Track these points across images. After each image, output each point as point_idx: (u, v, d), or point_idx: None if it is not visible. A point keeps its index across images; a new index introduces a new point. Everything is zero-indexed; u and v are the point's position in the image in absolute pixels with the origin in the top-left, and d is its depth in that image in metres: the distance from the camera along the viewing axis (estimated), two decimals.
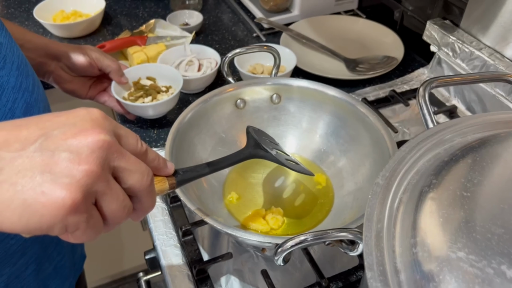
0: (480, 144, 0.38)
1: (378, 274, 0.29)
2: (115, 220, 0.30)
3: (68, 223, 0.27)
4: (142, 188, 0.31)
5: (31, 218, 0.26)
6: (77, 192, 0.26)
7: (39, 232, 0.26)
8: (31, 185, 0.26)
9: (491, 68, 0.68)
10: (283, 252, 0.40)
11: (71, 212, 0.26)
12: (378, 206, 0.34)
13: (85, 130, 0.28)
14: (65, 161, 0.27)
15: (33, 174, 0.26)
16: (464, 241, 0.29)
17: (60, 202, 0.26)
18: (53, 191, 0.26)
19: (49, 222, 0.26)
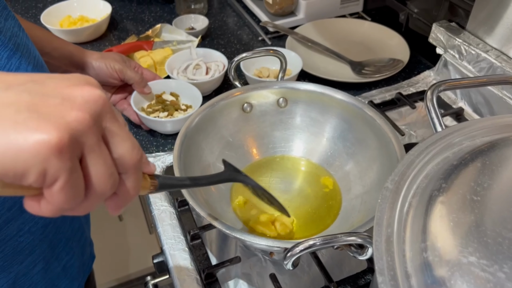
0: (489, 148, 0.38)
1: (389, 278, 0.29)
2: (98, 188, 0.26)
3: (48, 167, 0.23)
4: (131, 161, 0.28)
5: (7, 153, 0.22)
6: (65, 133, 0.23)
7: (11, 173, 0.23)
8: (14, 119, 0.23)
9: (498, 70, 0.68)
10: (292, 256, 0.40)
11: (55, 154, 0.23)
12: (387, 211, 0.34)
13: (80, 84, 0.26)
14: (56, 105, 0.24)
15: (18, 109, 0.23)
16: (475, 245, 0.29)
17: (44, 139, 0.23)
18: (39, 126, 0.23)
19: (27, 160, 0.23)
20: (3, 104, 0.23)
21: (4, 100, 0.23)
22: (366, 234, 0.40)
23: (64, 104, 0.24)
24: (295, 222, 0.56)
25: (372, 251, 0.41)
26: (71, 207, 0.26)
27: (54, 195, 0.25)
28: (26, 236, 0.47)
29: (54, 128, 0.23)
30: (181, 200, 0.59)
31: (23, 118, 0.23)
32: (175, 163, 0.51)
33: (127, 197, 0.29)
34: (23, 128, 0.23)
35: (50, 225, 0.51)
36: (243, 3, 1.07)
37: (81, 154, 0.25)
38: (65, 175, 0.24)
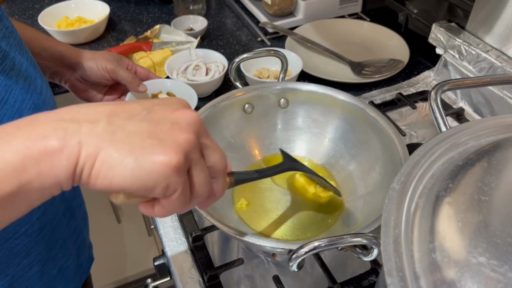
0: (494, 147, 0.38)
1: (398, 280, 0.29)
2: (200, 193, 0.33)
3: (170, 183, 0.29)
4: (221, 168, 0.34)
5: (141, 174, 0.28)
6: (181, 155, 0.29)
7: (143, 189, 0.29)
8: (141, 145, 0.29)
9: (499, 70, 0.68)
10: (297, 258, 0.40)
11: (174, 172, 0.29)
12: (394, 211, 0.34)
13: (181, 108, 0.32)
14: (168, 130, 0.30)
15: (142, 137, 0.29)
16: (484, 245, 0.29)
17: (167, 161, 0.29)
18: (162, 151, 0.29)
19: (156, 178, 0.29)
20: (130, 134, 0.29)
21: (130, 129, 0.29)
22: (372, 235, 0.39)
23: (174, 128, 0.30)
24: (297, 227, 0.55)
25: (377, 252, 0.41)
26: (181, 210, 0.33)
27: (171, 203, 0.31)
28: (22, 238, 0.47)
29: (172, 151, 0.29)
30: None
31: (148, 144, 0.29)
32: None
33: (217, 196, 0.36)
34: (150, 154, 0.29)
35: (47, 226, 0.50)
36: (241, 4, 1.07)
37: (188, 167, 0.31)
38: (181, 188, 0.31)
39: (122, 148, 0.28)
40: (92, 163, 0.28)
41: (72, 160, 0.28)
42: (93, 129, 0.29)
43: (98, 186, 0.29)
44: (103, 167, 0.28)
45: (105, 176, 0.28)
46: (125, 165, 0.28)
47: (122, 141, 0.29)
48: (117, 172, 0.28)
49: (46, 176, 0.28)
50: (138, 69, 0.72)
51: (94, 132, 0.29)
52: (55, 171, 0.28)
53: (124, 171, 0.28)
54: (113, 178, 0.28)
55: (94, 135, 0.28)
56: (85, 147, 0.28)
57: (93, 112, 0.30)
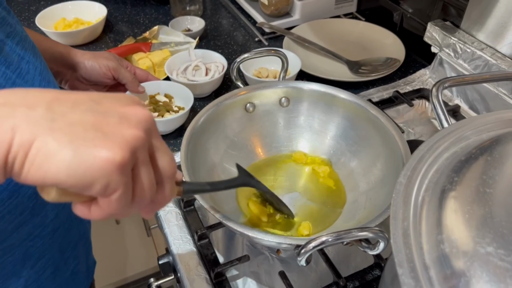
0: (496, 142, 0.39)
1: (409, 270, 0.30)
2: (142, 196, 0.30)
3: (110, 181, 0.27)
4: (169, 172, 0.31)
5: (79, 168, 0.25)
6: (126, 152, 0.27)
7: (79, 185, 0.26)
8: (83, 137, 0.26)
9: (493, 68, 0.70)
10: (306, 253, 0.41)
11: (117, 170, 0.26)
12: (402, 205, 0.35)
13: (131, 104, 0.30)
14: (115, 124, 0.27)
15: (85, 128, 0.26)
16: (491, 236, 0.30)
17: (110, 157, 0.26)
18: (105, 145, 0.26)
19: (95, 174, 0.26)
20: (72, 123, 0.26)
21: (72, 119, 0.26)
22: (378, 229, 0.40)
23: (122, 122, 0.28)
24: (300, 219, 0.56)
25: (383, 246, 0.41)
26: (120, 213, 0.30)
27: (110, 203, 0.28)
28: (36, 240, 0.47)
29: (117, 146, 0.26)
30: (187, 200, 0.60)
31: (90, 137, 0.26)
32: (182, 164, 0.51)
33: (162, 203, 0.33)
34: (92, 147, 0.26)
35: (59, 229, 0.50)
36: (237, 4, 1.08)
37: (132, 167, 0.28)
38: (122, 188, 0.28)
39: (61, 138, 0.25)
40: (26, 151, 0.25)
41: (3, 147, 0.25)
42: (30, 114, 0.26)
43: (30, 178, 0.26)
44: (38, 157, 0.25)
45: (39, 167, 0.25)
46: (63, 156, 0.25)
47: (61, 130, 0.26)
48: (53, 164, 0.25)
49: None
50: (137, 71, 0.72)
51: (30, 117, 0.26)
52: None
53: (60, 163, 0.25)
54: (48, 170, 0.25)
55: (30, 121, 0.26)
56: (19, 133, 0.25)
57: (31, 96, 0.27)
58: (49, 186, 0.28)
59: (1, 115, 0.25)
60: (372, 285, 0.52)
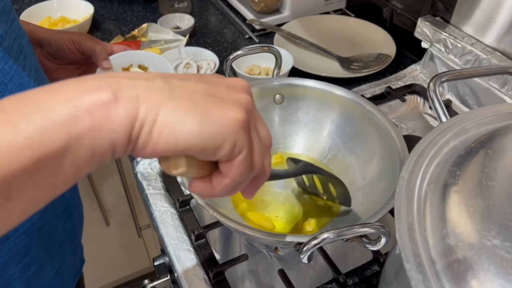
0: (495, 135, 0.39)
1: (416, 265, 0.30)
2: (257, 164, 0.30)
3: (237, 140, 0.27)
4: (269, 142, 0.32)
5: (209, 128, 0.26)
6: (245, 112, 0.28)
7: (211, 147, 0.26)
8: (205, 101, 0.27)
9: (484, 62, 0.70)
10: (308, 250, 0.40)
11: (242, 128, 0.27)
12: (406, 200, 0.35)
13: (232, 78, 0.31)
14: (225, 91, 0.29)
15: (203, 95, 0.27)
16: (496, 228, 0.30)
17: (235, 116, 0.27)
18: (227, 107, 0.27)
19: (225, 133, 0.27)
20: (190, 92, 0.27)
21: (188, 88, 0.27)
22: (380, 224, 0.40)
23: (230, 90, 0.29)
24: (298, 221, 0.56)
25: (385, 241, 0.41)
26: (241, 182, 0.30)
27: (233, 168, 0.29)
28: (22, 237, 0.46)
29: (237, 107, 0.28)
30: (182, 200, 0.59)
31: (211, 101, 0.27)
32: None
33: (264, 177, 0.33)
34: (216, 108, 0.27)
35: (46, 227, 0.50)
36: (226, 1, 1.07)
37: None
38: (247, 148, 0.28)
39: (186, 103, 0.26)
40: (154, 117, 0.25)
41: (129, 113, 0.24)
42: (150, 84, 0.26)
43: (161, 145, 0.25)
44: (168, 122, 0.25)
45: (170, 132, 0.25)
46: (192, 119, 0.25)
47: (183, 98, 0.26)
48: (185, 127, 0.25)
49: (100, 131, 0.24)
50: (115, 48, 0.68)
51: (151, 87, 0.26)
52: (110, 125, 0.24)
53: (191, 126, 0.25)
54: (180, 134, 0.25)
55: (152, 90, 0.26)
56: (144, 101, 0.25)
57: (143, 74, 0.27)
58: (177, 156, 0.28)
59: (124, 85, 0.25)
60: (371, 280, 0.52)
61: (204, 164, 0.30)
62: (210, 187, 0.30)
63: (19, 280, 0.49)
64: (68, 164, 0.24)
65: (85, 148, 0.24)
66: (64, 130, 0.23)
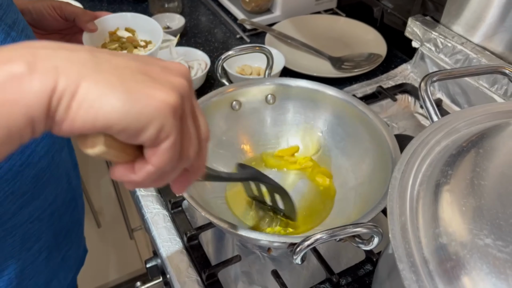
0: (486, 134, 0.39)
1: (409, 265, 0.30)
2: (187, 153, 0.28)
3: (165, 123, 0.25)
4: (207, 135, 0.30)
5: (133, 108, 0.24)
6: (178, 95, 0.26)
7: (133, 128, 0.24)
8: (133, 79, 0.25)
9: (474, 62, 0.71)
10: (301, 251, 0.40)
11: (171, 112, 0.25)
12: (398, 200, 0.35)
13: (170, 61, 0.29)
14: (160, 72, 0.26)
15: (133, 72, 0.25)
16: (488, 227, 0.30)
17: (165, 98, 0.25)
18: (157, 88, 0.25)
19: (150, 115, 0.24)
20: (118, 67, 0.25)
21: (117, 63, 0.25)
22: (373, 224, 0.40)
23: (165, 71, 0.27)
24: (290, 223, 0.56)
25: (378, 241, 0.41)
26: (167, 172, 0.28)
27: (159, 155, 0.26)
28: (35, 223, 0.48)
29: (169, 89, 0.25)
30: (175, 201, 0.58)
31: (140, 79, 0.25)
32: None
33: (196, 173, 0.31)
34: (145, 87, 0.25)
35: (55, 213, 0.51)
36: (217, 1, 1.07)
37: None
38: (175, 134, 0.26)
39: (111, 78, 0.24)
40: (73, 91, 0.23)
41: (46, 85, 0.23)
42: (73, 55, 0.24)
43: (78, 121, 0.23)
44: (88, 97, 0.23)
45: (89, 107, 0.23)
46: (116, 95, 0.24)
47: (109, 72, 0.24)
48: (106, 103, 0.23)
49: (13, 106, 0.22)
50: (98, 13, 0.66)
51: (74, 58, 0.24)
52: (24, 99, 0.22)
53: (114, 102, 0.23)
54: (99, 110, 0.23)
55: (75, 62, 0.24)
56: (64, 72, 0.23)
57: (67, 45, 0.25)
58: (95, 134, 0.26)
59: (42, 56, 0.23)
60: (364, 280, 0.52)
61: (127, 148, 0.27)
62: (131, 174, 0.28)
63: (30, 266, 0.50)
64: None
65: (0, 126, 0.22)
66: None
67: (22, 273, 0.49)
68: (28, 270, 0.50)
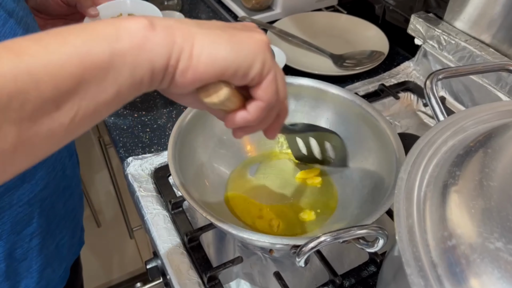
0: (494, 133, 0.38)
1: (417, 269, 0.29)
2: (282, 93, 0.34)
3: (266, 58, 0.31)
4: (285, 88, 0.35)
5: (241, 49, 0.30)
6: (266, 37, 0.32)
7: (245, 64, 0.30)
8: (230, 31, 0.30)
9: (478, 59, 0.70)
10: (304, 254, 0.39)
11: (268, 48, 0.31)
12: (405, 201, 0.34)
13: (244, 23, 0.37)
14: (242, 27, 0.32)
15: (225, 27, 0.31)
16: (499, 231, 0.29)
17: (260, 37, 0.31)
18: (250, 33, 0.31)
19: (254, 52, 0.30)
20: (213, 26, 0.30)
21: (210, 25, 0.30)
22: (378, 226, 0.39)
23: (245, 27, 0.32)
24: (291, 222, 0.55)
25: (383, 243, 0.41)
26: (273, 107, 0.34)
27: (266, 86, 0.32)
28: (25, 207, 0.48)
29: (259, 33, 0.32)
30: (175, 202, 0.57)
31: (234, 31, 0.31)
32: (170, 164, 0.49)
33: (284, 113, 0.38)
34: (243, 34, 0.31)
35: (47, 200, 0.51)
36: None
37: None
38: (274, 67, 0.32)
39: (215, 31, 0.29)
40: (191, 43, 0.28)
41: (166, 37, 0.27)
42: (180, 20, 0.29)
43: (201, 68, 0.28)
44: (205, 46, 0.28)
45: (208, 54, 0.28)
46: (225, 42, 0.29)
47: (211, 29, 0.30)
48: (220, 50, 0.29)
49: (140, 50, 0.26)
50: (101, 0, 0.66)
51: (182, 21, 0.29)
52: (149, 45, 0.27)
53: (226, 48, 0.29)
54: (217, 56, 0.28)
55: (183, 23, 0.29)
56: (179, 30, 0.28)
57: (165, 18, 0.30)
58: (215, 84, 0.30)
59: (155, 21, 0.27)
60: (368, 282, 0.51)
61: (239, 96, 0.33)
62: (246, 114, 0.33)
63: (21, 248, 0.50)
64: (110, 80, 0.26)
65: (126, 66, 0.26)
66: (108, 45, 0.25)
67: (11, 255, 0.49)
68: (18, 254, 0.50)
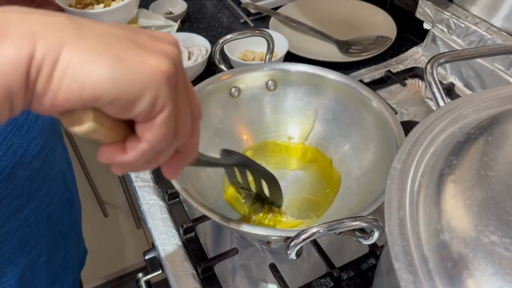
0: (496, 120, 0.36)
1: (406, 264, 0.28)
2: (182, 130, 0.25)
3: (160, 93, 0.22)
4: (199, 113, 0.28)
5: (125, 75, 0.21)
6: (170, 64, 0.23)
7: (126, 98, 0.21)
8: (120, 46, 0.21)
9: (489, 42, 0.67)
10: (295, 246, 0.38)
11: (166, 81, 0.22)
12: (397, 192, 0.32)
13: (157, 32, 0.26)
14: (146, 39, 0.23)
15: (119, 39, 0.22)
16: (495, 223, 0.28)
17: (158, 65, 0.22)
18: (147, 54, 0.22)
19: (143, 83, 0.21)
20: (103, 33, 0.22)
21: (101, 29, 0.22)
22: (372, 218, 0.38)
23: (153, 39, 0.24)
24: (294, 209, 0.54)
25: (378, 235, 0.39)
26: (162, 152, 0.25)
27: (155, 128, 0.23)
28: (32, 226, 0.46)
29: (161, 56, 0.22)
30: (171, 192, 0.57)
31: (128, 46, 0.22)
32: None
33: (190, 153, 0.28)
34: (135, 54, 0.22)
35: (53, 215, 0.50)
36: None
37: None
38: (170, 105, 0.23)
39: (96, 44, 0.21)
40: (55, 58, 0.20)
41: (23, 52, 0.19)
42: (50, 20, 0.21)
43: (62, 94, 0.20)
44: (72, 64, 0.20)
45: (74, 76, 0.20)
46: (104, 61, 0.20)
47: (93, 38, 0.21)
48: (93, 71, 0.20)
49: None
50: None
51: (52, 23, 0.21)
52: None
53: (102, 70, 0.20)
54: (87, 78, 0.20)
55: (52, 26, 0.20)
56: (42, 37, 0.20)
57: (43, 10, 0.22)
58: (82, 110, 0.22)
59: (14, 20, 0.20)
60: (367, 274, 0.49)
61: (117, 127, 0.24)
62: (122, 153, 0.24)
63: (30, 271, 0.48)
64: None
65: None
66: None
67: (22, 278, 0.48)
68: (28, 275, 0.48)
